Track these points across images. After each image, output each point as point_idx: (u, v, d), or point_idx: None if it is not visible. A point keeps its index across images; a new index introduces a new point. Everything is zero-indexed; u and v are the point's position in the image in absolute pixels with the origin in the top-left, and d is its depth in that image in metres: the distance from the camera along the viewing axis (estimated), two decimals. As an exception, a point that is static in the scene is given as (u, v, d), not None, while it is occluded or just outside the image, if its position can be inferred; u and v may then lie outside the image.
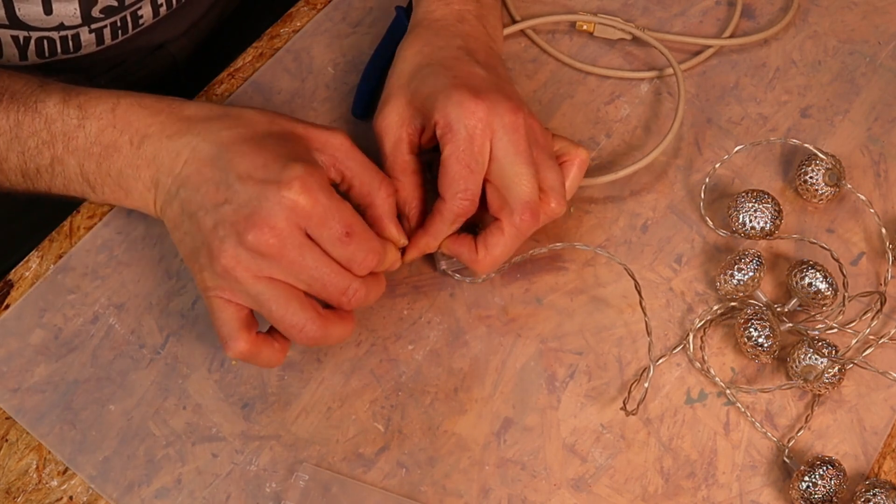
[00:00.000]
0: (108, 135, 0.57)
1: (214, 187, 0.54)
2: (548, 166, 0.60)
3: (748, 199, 0.65)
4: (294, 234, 0.53)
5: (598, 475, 0.59)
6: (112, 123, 0.57)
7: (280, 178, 0.53)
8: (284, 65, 0.72)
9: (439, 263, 0.64)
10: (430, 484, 0.58)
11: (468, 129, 0.57)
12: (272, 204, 0.52)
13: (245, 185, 0.53)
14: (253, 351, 0.55)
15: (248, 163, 0.54)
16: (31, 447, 0.58)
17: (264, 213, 0.52)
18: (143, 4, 0.70)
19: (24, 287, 0.63)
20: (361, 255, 0.54)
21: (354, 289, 0.55)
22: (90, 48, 0.70)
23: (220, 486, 0.57)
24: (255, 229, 0.52)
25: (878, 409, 0.62)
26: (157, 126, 0.57)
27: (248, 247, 0.52)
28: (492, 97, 0.58)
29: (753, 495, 0.59)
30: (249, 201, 0.53)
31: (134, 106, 0.58)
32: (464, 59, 0.62)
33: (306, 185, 0.52)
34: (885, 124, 0.72)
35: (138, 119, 0.57)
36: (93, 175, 0.58)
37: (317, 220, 0.53)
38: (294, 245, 0.53)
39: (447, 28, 0.64)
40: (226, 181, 0.54)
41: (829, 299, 0.62)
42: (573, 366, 0.62)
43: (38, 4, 0.63)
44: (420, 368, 0.62)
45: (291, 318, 0.54)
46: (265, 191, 0.53)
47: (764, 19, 0.77)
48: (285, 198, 0.52)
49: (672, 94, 0.73)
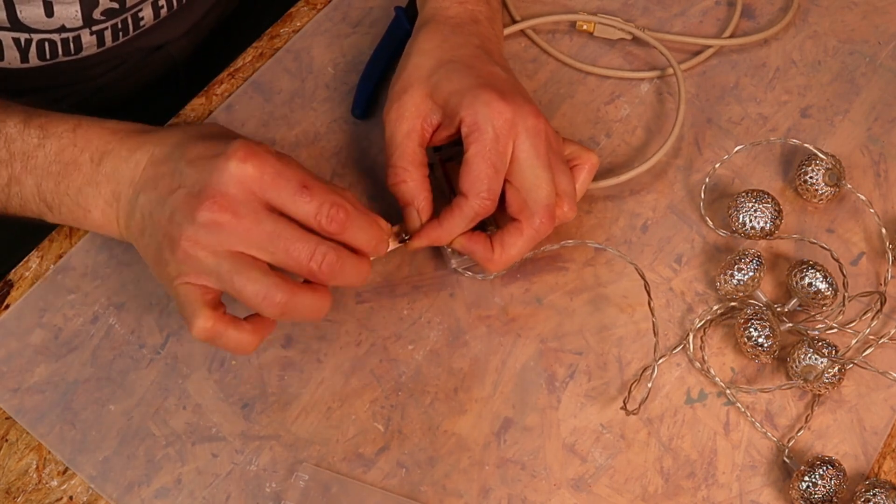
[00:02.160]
0: (69, 153, 0.57)
1: (168, 179, 0.55)
2: (561, 171, 0.60)
3: (748, 199, 0.65)
4: (247, 201, 0.52)
5: (598, 475, 0.59)
6: (73, 142, 0.57)
7: (225, 150, 0.53)
8: (284, 65, 0.72)
9: (450, 261, 0.64)
10: (430, 484, 0.58)
11: (495, 129, 0.58)
12: (219, 174, 0.52)
13: (194, 166, 0.54)
14: (217, 329, 0.53)
15: (198, 149, 0.55)
16: (31, 447, 0.58)
17: (213, 186, 0.52)
18: (144, 6, 0.70)
19: (24, 287, 0.63)
20: (326, 206, 0.52)
21: (322, 252, 0.52)
22: (91, 50, 0.70)
23: (220, 486, 0.57)
24: (207, 202, 0.52)
25: (878, 409, 0.62)
26: (117, 142, 0.57)
27: (203, 223, 0.52)
28: (517, 100, 0.59)
29: (753, 495, 0.59)
30: (199, 180, 0.53)
31: (95, 126, 0.58)
32: (484, 59, 0.62)
33: (250, 150, 0.53)
34: (885, 124, 0.72)
35: (99, 136, 0.58)
36: (50, 194, 0.58)
37: (269, 183, 0.52)
38: (248, 211, 0.52)
39: (463, 27, 0.64)
40: (178, 170, 0.55)
41: (829, 299, 0.62)
42: (573, 366, 0.62)
43: (40, 7, 0.63)
44: (420, 368, 0.62)
45: (254, 286, 0.52)
46: (214, 164, 0.53)
47: (764, 19, 0.77)
48: (230, 166, 0.52)
49: (672, 93, 0.73)
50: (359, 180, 0.68)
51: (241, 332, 0.53)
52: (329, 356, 0.62)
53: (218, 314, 0.53)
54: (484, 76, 0.60)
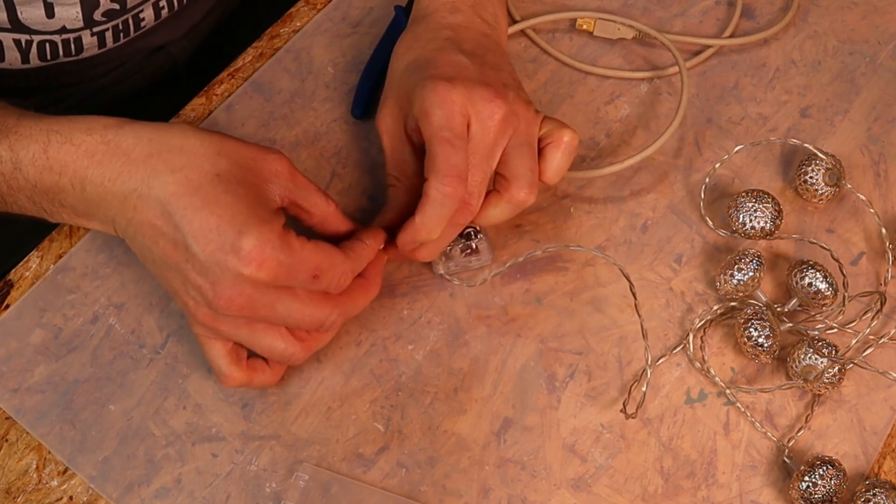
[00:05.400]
0: (48, 178, 0.55)
1: (171, 245, 0.53)
2: (516, 153, 0.59)
3: (748, 199, 0.65)
4: (262, 295, 0.53)
5: (597, 475, 0.59)
6: (48, 166, 0.55)
7: (237, 249, 0.51)
8: (284, 65, 0.72)
9: (436, 267, 0.64)
10: (430, 484, 0.58)
11: (443, 111, 0.57)
12: (233, 277, 0.52)
13: (202, 249, 0.52)
14: (246, 381, 0.58)
15: (200, 222, 0.52)
16: (31, 447, 0.58)
17: (227, 285, 0.52)
18: (145, 7, 0.70)
19: (24, 287, 0.63)
20: (335, 282, 0.55)
21: (332, 321, 0.56)
22: (92, 51, 0.70)
23: (220, 486, 0.57)
24: (223, 300, 0.52)
25: (878, 409, 0.62)
26: (96, 168, 0.54)
27: (220, 311, 0.53)
28: (468, 84, 0.58)
29: (753, 495, 0.59)
30: (210, 270, 0.52)
31: (65, 145, 0.54)
32: (448, 49, 0.62)
33: (262, 258, 0.51)
34: (885, 124, 0.72)
35: (73, 160, 0.54)
36: (48, 206, 0.57)
37: (283, 279, 0.53)
38: (264, 303, 0.53)
39: (438, 21, 0.64)
40: (182, 242, 0.52)
41: (829, 299, 0.62)
42: (573, 366, 0.62)
43: (41, 8, 0.63)
44: (420, 368, 0.62)
45: (277, 353, 0.56)
46: (224, 262, 0.52)
47: (764, 19, 0.77)
48: (246, 271, 0.51)
49: (672, 93, 0.73)
50: (359, 180, 0.68)
51: (265, 374, 0.58)
52: (329, 356, 0.62)
53: (243, 367, 0.57)
54: (441, 67, 0.60)
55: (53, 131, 0.55)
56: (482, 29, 0.65)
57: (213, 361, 0.57)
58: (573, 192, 0.68)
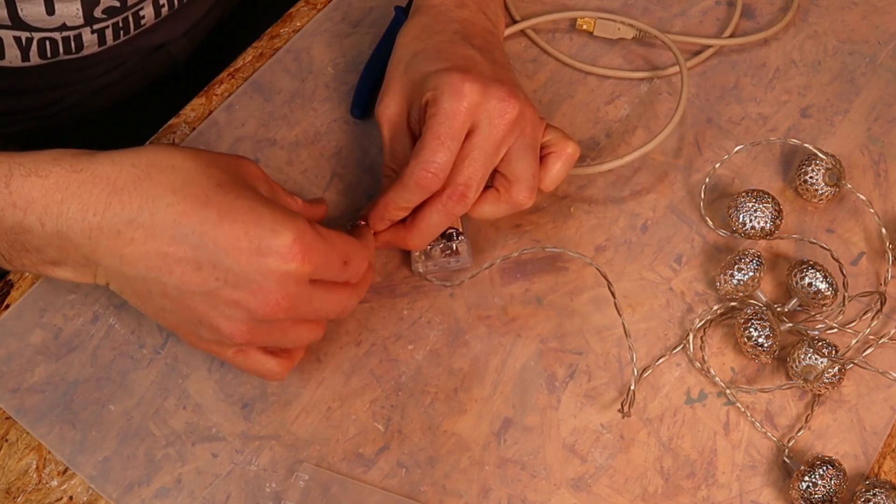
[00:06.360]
0: (10, 215, 0.49)
1: (192, 269, 0.49)
2: (520, 156, 0.59)
3: (748, 199, 0.65)
4: (302, 291, 0.52)
5: (597, 475, 0.59)
6: (11, 202, 0.49)
7: (277, 246, 0.49)
8: (284, 65, 0.72)
9: (415, 265, 0.64)
10: (430, 484, 0.58)
11: (451, 105, 0.56)
12: (276, 278, 0.50)
13: (236, 260, 0.49)
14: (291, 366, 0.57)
15: (225, 234, 0.49)
16: (31, 447, 0.58)
17: (272, 289, 0.50)
18: (145, 5, 0.70)
19: (24, 287, 0.63)
20: (360, 269, 0.55)
21: (351, 306, 0.56)
22: (92, 48, 0.70)
23: (220, 486, 0.57)
24: (270, 306, 0.50)
25: (878, 409, 0.62)
26: (75, 203, 0.49)
27: (261, 318, 0.51)
28: (483, 80, 0.58)
29: (753, 495, 0.59)
30: (250, 277, 0.49)
31: (30, 177, 0.49)
32: (459, 43, 0.62)
33: (304, 251, 0.50)
34: (885, 124, 0.72)
35: (42, 195, 0.49)
36: (6, 253, 0.52)
37: (321, 270, 0.52)
38: (304, 299, 0.52)
39: (445, 13, 0.64)
40: (208, 261, 0.49)
41: (829, 299, 0.62)
42: (573, 366, 0.62)
43: (41, 5, 0.63)
44: (420, 368, 0.62)
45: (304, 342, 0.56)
46: (265, 263, 0.49)
47: (764, 19, 0.77)
48: (291, 268, 0.50)
49: (672, 93, 0.73)
50: (359, 180, 0.68)
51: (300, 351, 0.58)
52: (329, 356, 0.62)
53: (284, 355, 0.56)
54: (453, 59, 0.60)
55: (15, 163, 0.49)
56: (486, 26, 0.65)
57: (258, 369, 0.55)
58: (573, 192, 0.68)
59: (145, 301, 0.52)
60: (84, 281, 0.53)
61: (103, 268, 0.51)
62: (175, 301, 0.51)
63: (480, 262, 0.64)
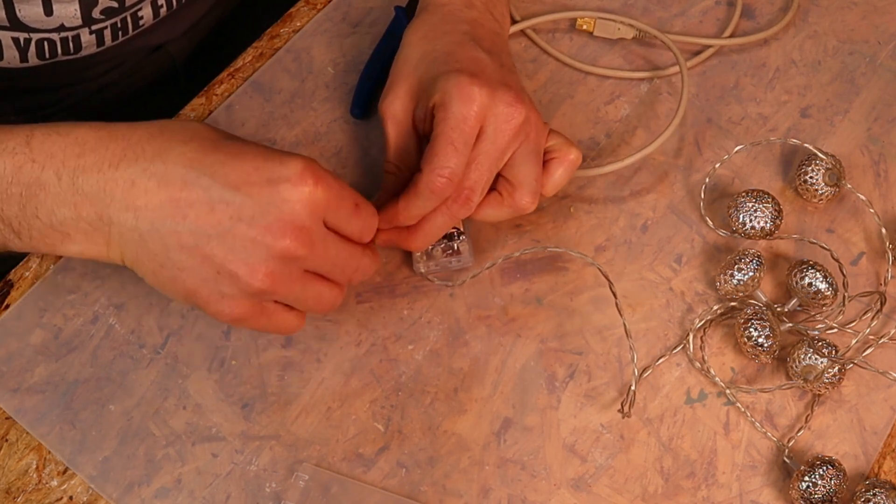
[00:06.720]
0: (28, 171, 0.50)
1: (206, 209, 0.50)
2: (524, 161, 0.59)
3: (748, 199, 0.65)
4: (318, 226, 0.51)
5: (597, 475, 0.59)
6: (30, 158, 0.50)
7: (288, 174, 0.50)
8: (284, 65, 0.72)
9: (416, 265, 0.64)
10: (430, 484, 0.58)
11: (461, 109, 0.57)
12: (293, 203, 0.50)
13: (248, 194, 0.50)
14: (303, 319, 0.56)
15: (236, 171, 0.50)
16: (31, 447, 0.58)
17: (288, 216, 0.50)
18: (144, 5, 0.70)
19: (24, 287, 0.63)
20: (370, 220, 0.55)
21: (365, 265, 0.56)
22: (90, 49, 0.70)
23: (220, 486, 0.57)
24: (286, 236, 0.50)
25: (878, 409, 0.62)
26: (92, 155, 0.50)
27: (279, 255, 0.50)
28: (492, 84, 0.58)
29: (753, 495, 0.59)
30: (266, 208, 0.50)
31: (51, 135, 0.51)
32: (468, 44, 0.62)
33: (316, 174, 0.50)
34: (885, 124, 0.72)
35: (61, 149, 0.50)
36: (16, 220, 0.52)
37: (333, 205, 0.52)
38: (320, 238, 0.52)
39: (454, 13, 0.64)
40: (221, 198, 0.50)
41: (829, 299, 0.62)
42: (573, 366, 0.62)
43: (39, 5, 0.63)
44: (420, 368, 0.62)
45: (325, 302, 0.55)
46: (279, 192, 0.50)
47: (764, 19, 0.77)
48: (304, 193, 0.50)
49: (672, 93, 0.73)
50: (359, 180, 0.68)
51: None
52: (329, 356, 0.62)
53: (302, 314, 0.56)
54: (462, 62, 0.60)
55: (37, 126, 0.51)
56: (494, 27, 0.65)
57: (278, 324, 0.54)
58: (573, 192, 0.68)
59: (162, 264, 0.51)
60: (94, 253, 0.53)
61: (117, 227, 0.51)
62: (191, 252, 0.50)
63: (481, 262, 0.64)
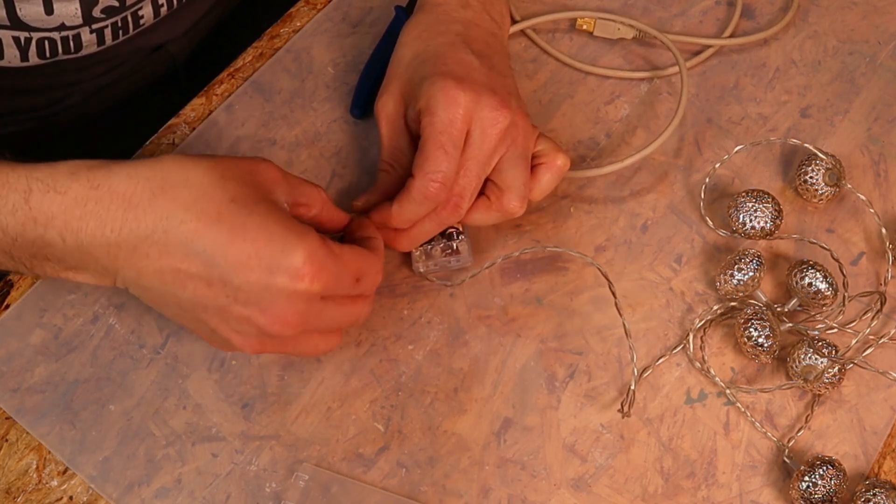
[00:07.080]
0: (32, 230, 0.51)
1: (204, 285, 0.50)
2: (512, 165, 0.60)
3: (748, 199, 0.65)
4: (312, 307, 0.52)
5: (597, 475, 0.59)
6: (31, 217, 0.50)
7: (287, 265, 0.50)
8: (284, 65, 0.72)
9: (416, 265, 0.64)
10: (430, 484, 0.58)
11: (447, 113, 0.57)
12: (286, 297, 0.50)
13: (246, 278, 0.50)
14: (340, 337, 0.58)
15: (236, 253, 0.50)
16: (31, 447, 0.58)
17: (281, 307, 0.50)
18: (144, 4, 0.70)
19: (24, 287, 0.63)
20: (371, 284, 0.55)
21: (364, 315, 0.56)
22: (91, 48, 0.70)
23: (220, 486, 0.57)
24: (278, 323, 0.51)
25: (878, 409, 0.62)
26: (93, 221, 0.50)
27: (271, 335, 0.52)
28: (477, 88, 0.58)
29: (753, 495, 0.59)
30: (260, 296, 0.50)
31: (49, 193, 0.50)
32: (459, 46, 0.62)
33: (314, 270, 0.50)
34: (885, 124, 0.72)
35: (62, 211, 0.50)
36: (28, 261, 0.53)
37: (331, 287, 0.52)
38: (314, 316, 0.52)
39: (448, 14, 0.64)
40: (219, 278, 0.50)
41: (829, 299, 0.62)
42: (573, 366, 0.62)
43: (39, 4, 0.63)
44: (420, 368, 0.62)
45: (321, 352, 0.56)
46: (274, 282, 0.50)
47: (764, 19, 0.77)
48: (300, 287, 0.50)
49: (672, 93, 0.73)
50: (359, 180, 0.68)
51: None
52: (329, 356, 0.62)
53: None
54: (450, 65, 0.60)
55: (34, 178, 0.50)
56: (490, 28, 0.65)
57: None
58: (573, 192, 0.68)
59: (162, 308, 0.54)
60: (105, 284, 0.54)
61: (122, 276, 0.53)
62: (189, 312, 0.53)
63: (481, 262, 0.64)
